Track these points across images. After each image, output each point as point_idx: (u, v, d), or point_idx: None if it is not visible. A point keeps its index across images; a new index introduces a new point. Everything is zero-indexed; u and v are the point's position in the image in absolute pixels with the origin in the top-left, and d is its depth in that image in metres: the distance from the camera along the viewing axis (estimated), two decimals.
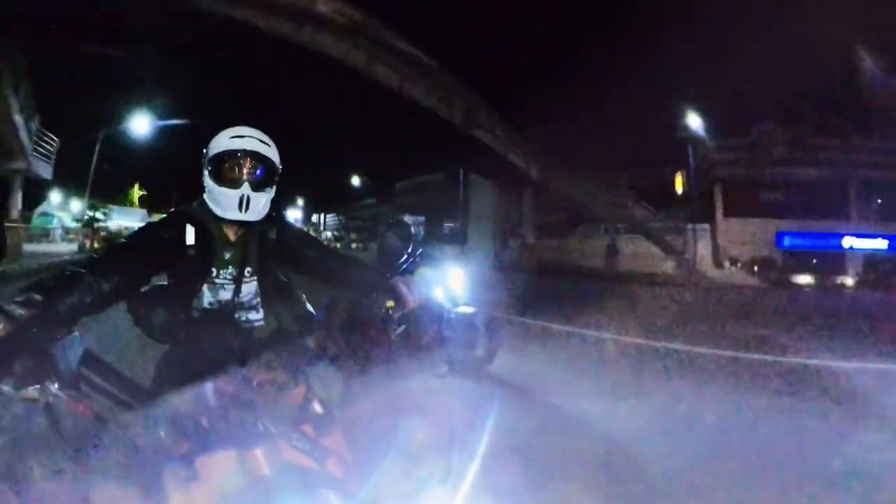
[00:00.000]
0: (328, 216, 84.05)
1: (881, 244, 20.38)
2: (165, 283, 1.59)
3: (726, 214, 25.90)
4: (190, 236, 1.56)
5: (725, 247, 25.23)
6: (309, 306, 1.70)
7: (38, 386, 0.95)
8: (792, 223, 24.79)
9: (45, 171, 22.56)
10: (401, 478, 1.41)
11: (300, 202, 67.14)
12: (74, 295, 1.23)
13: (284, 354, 1.30)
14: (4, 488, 1.09)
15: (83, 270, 1.31)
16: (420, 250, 1.58)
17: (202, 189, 1.63)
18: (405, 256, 1.59)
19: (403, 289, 1.50)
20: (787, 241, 24.55)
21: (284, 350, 1.36)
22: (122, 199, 40.10)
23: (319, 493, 1.13)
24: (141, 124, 24.63)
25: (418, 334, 5.06)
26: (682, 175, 26.21)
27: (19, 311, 1.02)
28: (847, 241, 22.53)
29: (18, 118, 18.28)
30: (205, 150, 1.61)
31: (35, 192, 27.68)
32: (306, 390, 1.17)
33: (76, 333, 1.01)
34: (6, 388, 0.94)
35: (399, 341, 4.88)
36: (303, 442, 1.12)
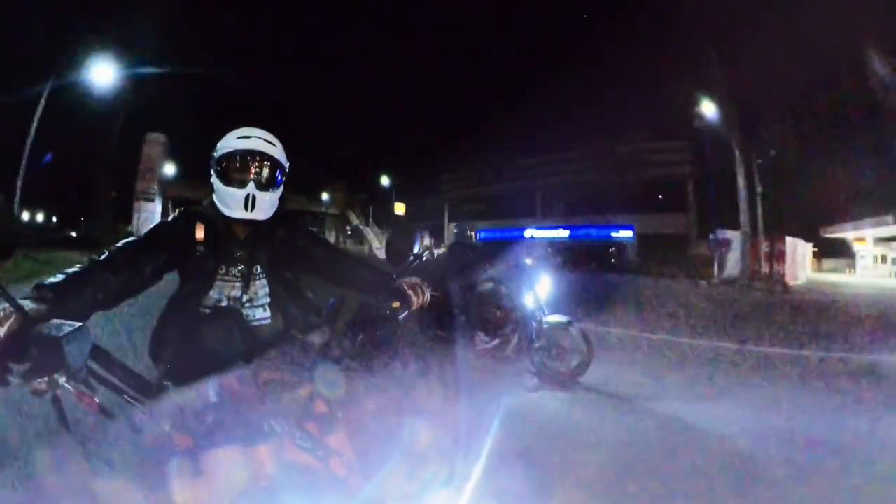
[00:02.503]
0: None
1: (563, 234, 26.35)
2: (175, 280, 1.60)
3: (450, 221, 36.92)
4: (200, 234, 1.58)
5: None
6: (316, 306, 1.71)
7: (46, 379, 0.96)
8: (488, 223, 30.43)
9: None
10: (404, 479, 1.41)
11: None
12: (86, 291, 1.25)
13: (290, 353, 1.31)
14: (12, 478, 1.10)
15: (95, 267, 1.34)
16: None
17: (211, 188, 1.65)
18: (411, 257, 1.59)
19: (409, 290, 1.50)
20: (482, 235, 31.52)
21: (291, 349, 1.37)
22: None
23: (323, 492, 1.13)
24: (102, 73, 17.28)
25: (504, 344, 4.92)
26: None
27: (31, 306, 1.04)
28: (528, 233, 27.20)
29: None
30: (213, 152, 1.63)
31: None
32: (311, 390, 1.18)
33: (85, 327, 1.01)
34: (16, 381, 0.96)
35: (484, 352, 4.76)
36: (307, 441, 1.12)
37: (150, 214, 23.38)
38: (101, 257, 1.39)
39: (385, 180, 42.32)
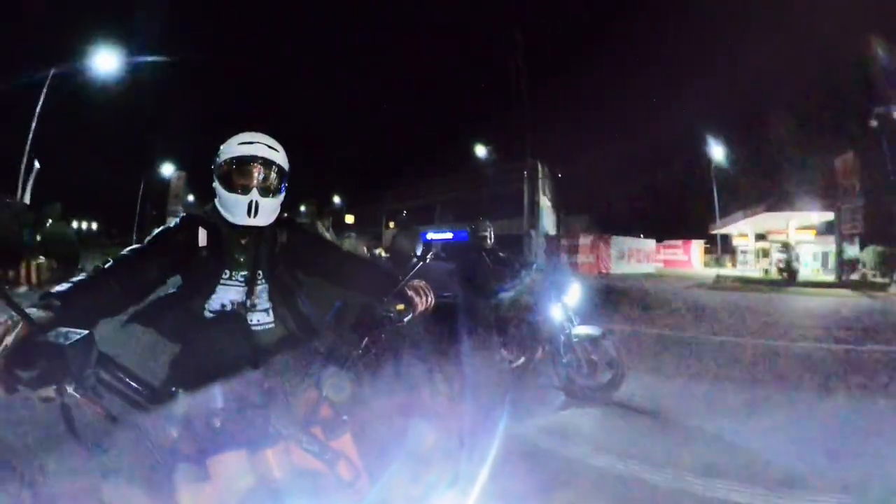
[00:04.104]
0: None
1: (448, 235, 32.36)
2: (179, 284, 1.61)
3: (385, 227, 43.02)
4: (202, 239, 1.57)
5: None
6: (318, 310, 1.71)
7: (54, 387, 0.97)
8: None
9: None
10: (410, 481, 1.41)
11: None
12: (92, 298, 1.27)
13: (295, 357, 1.31)
14: (22, 486, 1.11)
15: (100, 275, 1.35)
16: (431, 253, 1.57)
17: (213, 194, 1.65)
18: (415, 259, 1.59)
19: (413, 293, 1.50)
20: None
21: (295, 353, 1.37)
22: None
23: (329, 495, 1.13)
24: (105, 61, 17.83)
25: (529, 362, 4.51)
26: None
27: (38, 314, 1.05)
28: (429, 236, 32.09)
29: None
30: (215, 158, 1.62)
31: None
32: (317, 393, 1.18)
33: (91, 335, 1.02)
34: (24, 389, 0.97)
35: (510, 372, 4.33)
36: (313, 444, 1.12)
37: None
38: (106, 265, 1.40)
39: (336, 199, 52.14)
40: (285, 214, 1.72)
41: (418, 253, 1.54)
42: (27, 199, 16.22)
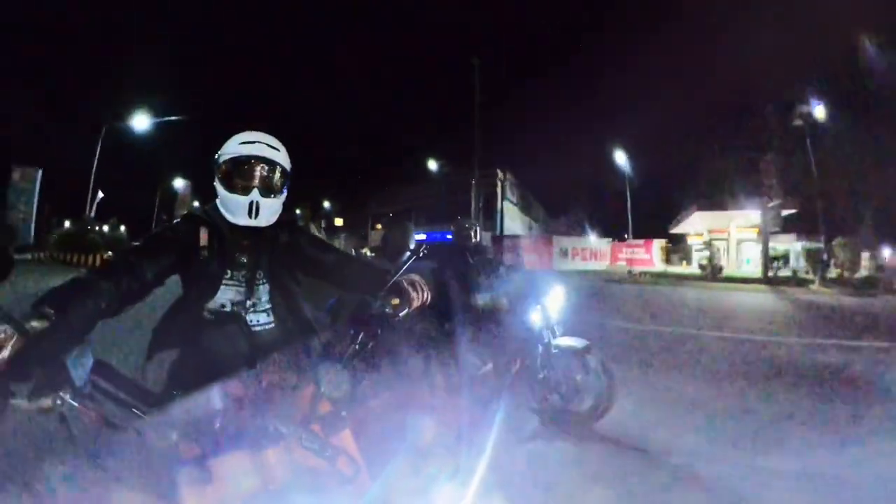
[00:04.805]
0: None
1: (423, 237, 34.45)
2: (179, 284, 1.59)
3: (371, 229, 47.42)
4: (203, 239, 1.56)
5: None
6: (315, 308, 1.70)
7: (52, 396, 0.97)
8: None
9: None
10: (410, 475, 1.43)
11: None
12: (88, 302, 1.24)
13: (293, 355, 1.31)
14: (24, 496, 1.11)
15: (96, 276, 1.32)
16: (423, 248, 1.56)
17: (214, 193, 1.63)
18: (408, 254, 1.58)
19: (409, 287, 1.50)
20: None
21: (293, 351, 1.37)
22: None
23: (331, 491, 1.14)
24: (141, 121, 27.20)
25: (497, 371, 3.65)
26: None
27: (32, 325, 1.04)
28: None
29: None
30: (216, 156, 1.60)
31: None
32: (315, 390, 1.19)
33: (87, 344, 1.02)
34: (21, 401, 0.97)
35: (474, 379, 3.83)
36: (313, 442, 1.13)
37: None
38: (104, 265, 1.38)
39: (326, 203, 56.51)
40: (285, 215, 1.70)
41: (411, 247, 1.54)
42: (92, 214, 26.05)
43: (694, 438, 3.53)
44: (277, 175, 1.61)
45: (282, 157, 1.61)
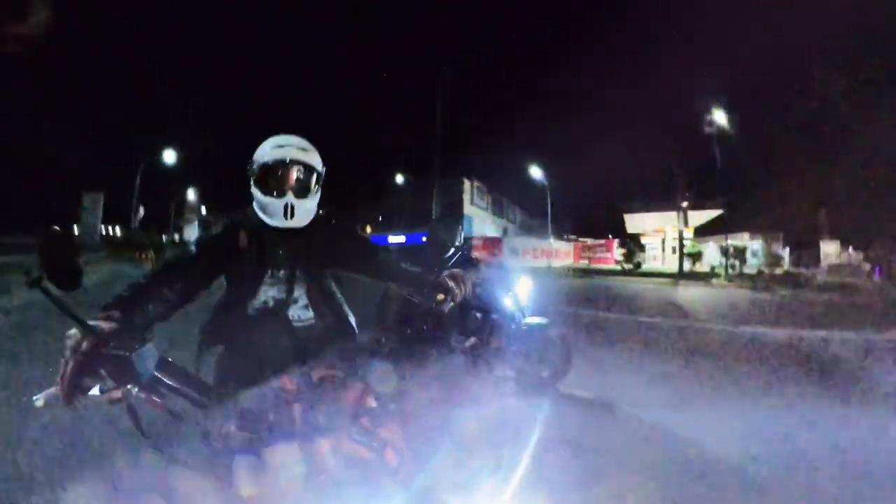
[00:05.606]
0: None
1: (402, 239, 37.41)
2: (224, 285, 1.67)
3: (366, 230, 48.67)
4: (243, 241, 1.62)
5: None
6: (355, 303, 1.74)
7: (121, 389, 1.07)
8: (377, 232, 43.52)
9: None
10: (454, 468, 1.45)
11: None
12: (148, 307, 1.35)
13: (339, 351, 1.35)
14: (97, 479, 1.20)
15: (152, 282, 1.42)
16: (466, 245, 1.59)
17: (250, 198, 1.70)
18: (452, 250, 1.60)
19: (452, 282, 1.52)
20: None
21: (339, 346, 1.42)
22: None
23: (378, 482, 1.18)
24: (170, 156, 32.93)
25: (484, 345, 4.24)
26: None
27: (102, 326, 1.13)
28: (390, 239, 37.88)
29: None
30: (249, 162, 1.66)
31: None
32: (363, 385, 1.22)
33: (151, 344, 1.11)
34: (94, 394, 1.07)
35: (461, 351, 4.23)
36: (362, 435, 1.17)
37: (191, 227, 42.40)
38: (156, 272, 1.47)
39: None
40: (321, 212, 1.75)
41: (456, 244, 1.56)
42: (137, 224, 32.47)
43: None
44: (310, 176, 1.65)
45: (313, 157, 1.66)
